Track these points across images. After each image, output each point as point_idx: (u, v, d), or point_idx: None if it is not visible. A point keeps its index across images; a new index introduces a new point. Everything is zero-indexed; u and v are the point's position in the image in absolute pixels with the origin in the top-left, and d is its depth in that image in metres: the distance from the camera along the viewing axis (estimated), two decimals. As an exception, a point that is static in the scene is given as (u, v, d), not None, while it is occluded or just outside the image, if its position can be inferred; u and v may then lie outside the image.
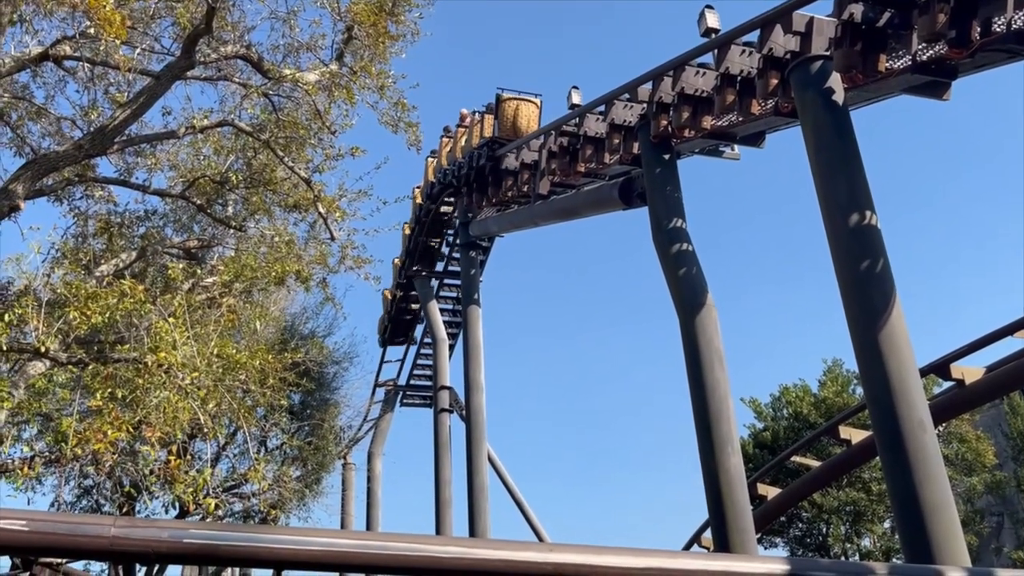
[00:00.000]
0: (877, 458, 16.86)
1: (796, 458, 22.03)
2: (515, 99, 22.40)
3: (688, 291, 13.85)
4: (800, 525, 34.34)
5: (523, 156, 20.39)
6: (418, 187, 31.28)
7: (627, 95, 15.59)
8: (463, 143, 25.07)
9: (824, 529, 33.73)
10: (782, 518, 30.86)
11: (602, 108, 16.55)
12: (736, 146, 16.45)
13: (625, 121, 15.80)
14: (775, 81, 12.21)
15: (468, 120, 25.05)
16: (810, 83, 11.49)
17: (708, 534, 19.12)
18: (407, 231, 32.91)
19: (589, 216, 19.90)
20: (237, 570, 32.31)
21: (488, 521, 25.14)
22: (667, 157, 14.93)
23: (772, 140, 15.46)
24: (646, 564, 3.98)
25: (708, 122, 14.19)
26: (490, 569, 3.69)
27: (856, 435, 18.22)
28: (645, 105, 15.04)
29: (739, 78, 13.11)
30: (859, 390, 34.09)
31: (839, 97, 11.40)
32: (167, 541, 3.33)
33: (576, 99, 17.50)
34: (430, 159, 29.41)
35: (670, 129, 14.43)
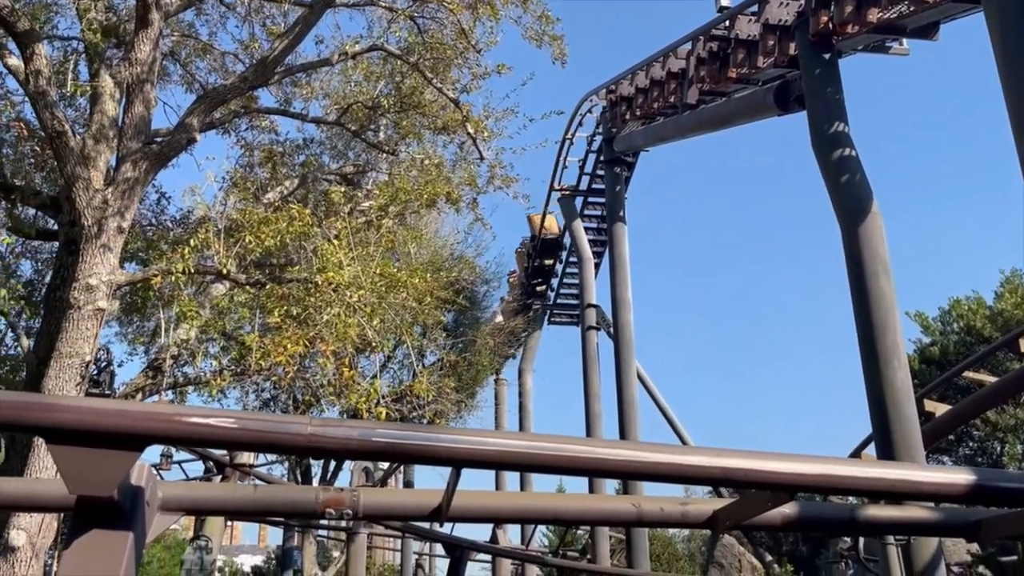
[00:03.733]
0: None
1: (968, 373, 20.78)
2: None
3: (851, 198, 13.11)
4: (971, 444, 32.60)
5: (669, 65, 19.66)
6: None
7: (783, -9, 14.62)
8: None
9: (998, 448, 31.89)
10: (951, 436, 29.40)
11: (755, 8, 15.60)
12: (905, 40, 15.14)
13: (781, 20, 14.84)
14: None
15: None
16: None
17: (870, 451, 18.53)
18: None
19: (740, 124, 19.03)
20: (401, 481, 34.36)
21: (638, 434, 25.42)
22: (827, 56, 13.95)
23: (946, 32, 14.13)
24: (818, 471, 3.92)
25: (875, 15, 13.11)
26: (660, 472, 3.75)
27: (1039, 349, 16.92)
28: (803, 1, 14.06)
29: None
30: (1042, 301, 31.49)
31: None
32: (358, 439, 3.59)
33: (725, 0, 16.58)
34: None
35: (831, 25, 13.45)
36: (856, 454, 22.74)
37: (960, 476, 4.15)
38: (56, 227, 12.18)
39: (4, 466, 10.95)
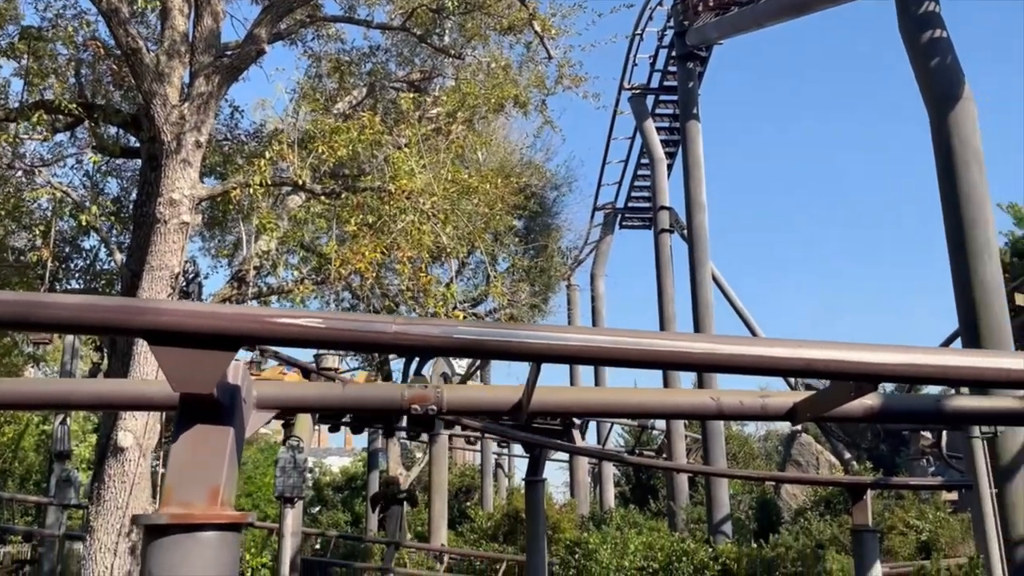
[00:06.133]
0: None
1: (1064, 266, 19.86)
2: None
3: (941, 83, 12.42)
4: (1063, 339, 31.43)
5: (745, -51, 18.65)
6: None
7: None
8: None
9: (1093, 343, 30.70)
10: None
11: None
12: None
13: None
14: None
15: None
16: None
17: (956, 346, 18.06)
18: None
19: (822, 9, 18.05)
20: (478, 379, 35.18)
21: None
22: (918, -71, 13.00)
23: None
24: (903, 360, 3.85)
25: None
26: (742, 364, 3.75)
27: None
28: None
29: None
30: None
31: None
32: (440, 336, 3.70)
33: None
34: None
35: None
36: (940, 351, 22.24)
37: (1055, 364, 4.03)
38: (138, 144, 12.52)
39: (107, 374, 11.66)
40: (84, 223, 11.10)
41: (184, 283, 10.11)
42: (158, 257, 9.57)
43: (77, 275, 15.47)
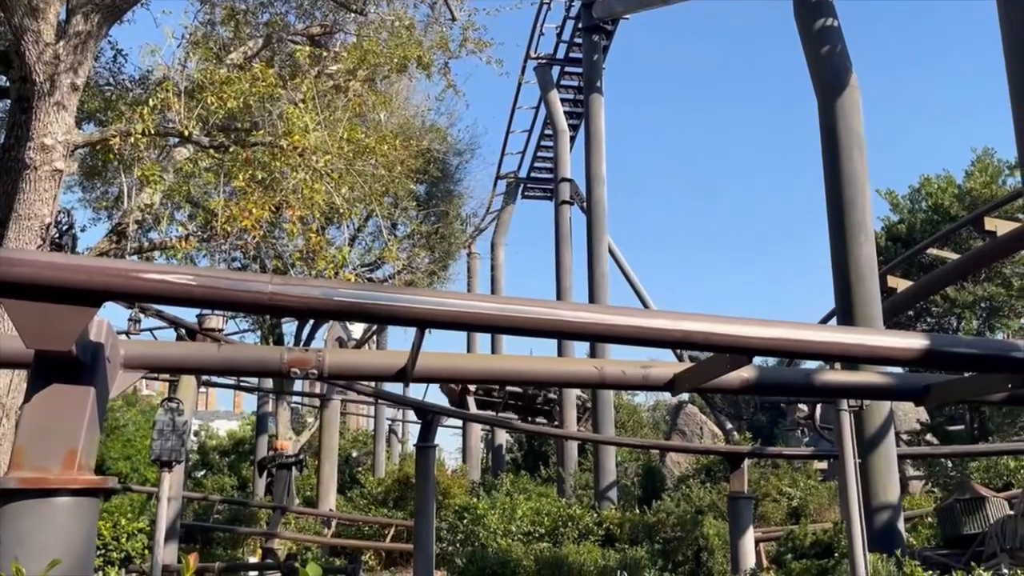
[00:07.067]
0: None
1: (932, 251, 21.18)
2: None
3: (830, 71, 12.89)
4: (929, 320, 33.62)
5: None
6: None
7: None
8: None
9: (955, 324, 32.95)
10: (910, 312, 30.25)
11: None
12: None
13: None
14: None
15: None
16: None
17: (831, 324, 19.01)
18: None
19: (723, -9, 18.39)
20: (374, 345, 34.85)
21: (608, 308, 25.81)
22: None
23: None
24: (776, 334, 3.99)
25: None
26: (623, 334, 3.80)
27: (1003, 226, 17.20)
28: None
29: None
30: (1011, 181, 31.77)
31: None
32: (319, 298, 3.58)
33: None
34: None
35: None
36: (818, 328, 23.36)
37: (914, 341, 4.26)
38: (6, 84, 11.64)
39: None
40: (-57, 166, 10.26)
41: (57, 235, 9.52)
42: (27, 206, 8.95)
43: (-66, 222, 14.35)
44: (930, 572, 9.19)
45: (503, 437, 36.42)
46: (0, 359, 5.10)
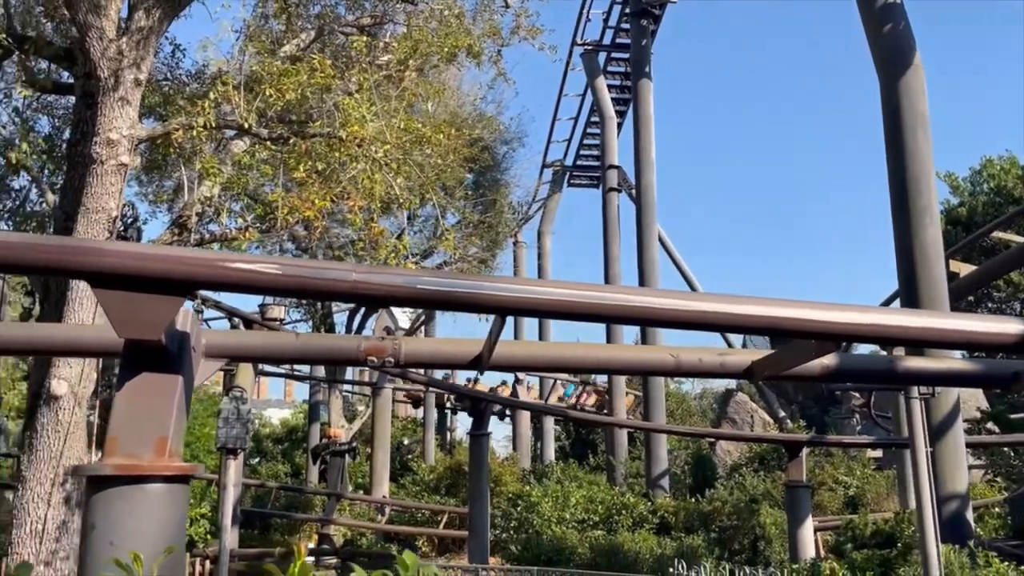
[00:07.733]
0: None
1: (997, 234, 20.52)
2: None
3: (892, 49, 12.53)
4: (990, 305, 32.69)
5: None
6: None
7: None
8: None
9: (1019, 308, 31.99)
10: (970, 298, 29.43)
11: None
12: None
13: None
14: None
15: None
16: None
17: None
18: None
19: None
20: (422, 334, 35.04)
21: (659, 295, 25.56)
22: None
23: None
24: (870, 320, 3.87)
25: None
26: (710, 321, 3.71)
27: (1073, 209, 16.59)
28: None
29: None
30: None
31: None
32: (402, 287, 3.56)
33: None
34: None
35: None
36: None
37: (1011, 326, 4.10)
38: (72, 80, 11.89)
39: (40, 320, 11.18)
40: (14, 161, 10.54)
41: (122, 227, 9.69)
42: (94, 199, 9.14)
43: (6, 216, 14.77)
44: (1007, 563, 8.94)
45: (551, 425, 36.40)
46: (83, 349, 5.20)
